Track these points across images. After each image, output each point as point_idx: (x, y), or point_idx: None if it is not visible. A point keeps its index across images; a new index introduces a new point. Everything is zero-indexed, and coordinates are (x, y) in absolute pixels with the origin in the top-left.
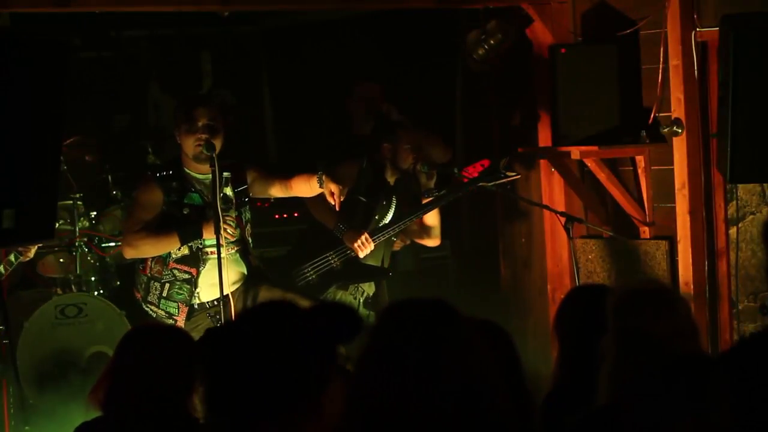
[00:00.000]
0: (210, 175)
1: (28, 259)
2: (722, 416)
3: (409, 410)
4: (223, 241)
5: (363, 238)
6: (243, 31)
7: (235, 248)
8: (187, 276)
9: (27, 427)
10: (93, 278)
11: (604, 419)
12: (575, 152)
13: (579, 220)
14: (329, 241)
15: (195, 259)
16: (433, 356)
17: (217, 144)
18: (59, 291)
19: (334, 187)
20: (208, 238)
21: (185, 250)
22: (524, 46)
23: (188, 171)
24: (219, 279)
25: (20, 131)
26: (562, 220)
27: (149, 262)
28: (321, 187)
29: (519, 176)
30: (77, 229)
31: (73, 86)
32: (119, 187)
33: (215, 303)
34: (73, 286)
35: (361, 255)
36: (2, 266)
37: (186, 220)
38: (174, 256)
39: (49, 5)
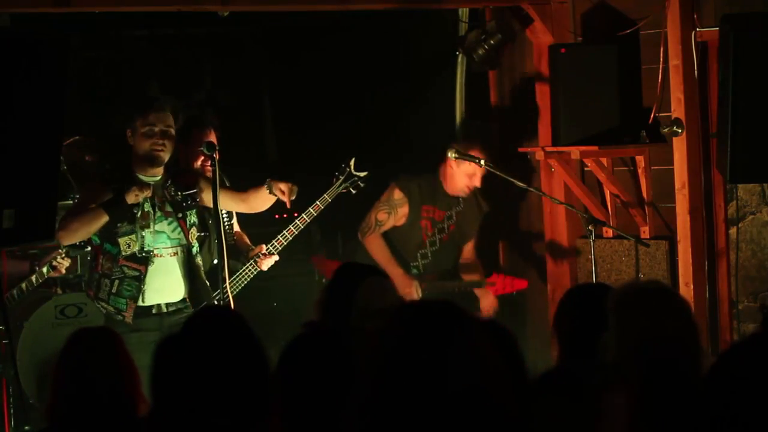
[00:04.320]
0: (159, 178)
1: (59, 275)
2: None
3: (416, 411)
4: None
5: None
6: (243, 31)
7: (174, 252)
8: (136, 273)
9: (27, 427)
10: None
11: None
12: (575, 152)
13: (602, 223)
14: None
15: (144, 259)
16: (442, 357)
17: (170, 148)
18: (59, 291)
19: (283, 186)
20: (132, 201)
21: (135, 247)
22: (524, 46)
23: (138, 175)
24: (221, 276)
25: (20, 131)
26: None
27: (101, 260)
28: (271, 193)
29: (367, 173)
30: None
31: (73, 86)
32: None
33: (166, 311)
34: (73, 286)
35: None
36: (36, 276)
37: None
38: (124, 253)
39: (49, 5)
